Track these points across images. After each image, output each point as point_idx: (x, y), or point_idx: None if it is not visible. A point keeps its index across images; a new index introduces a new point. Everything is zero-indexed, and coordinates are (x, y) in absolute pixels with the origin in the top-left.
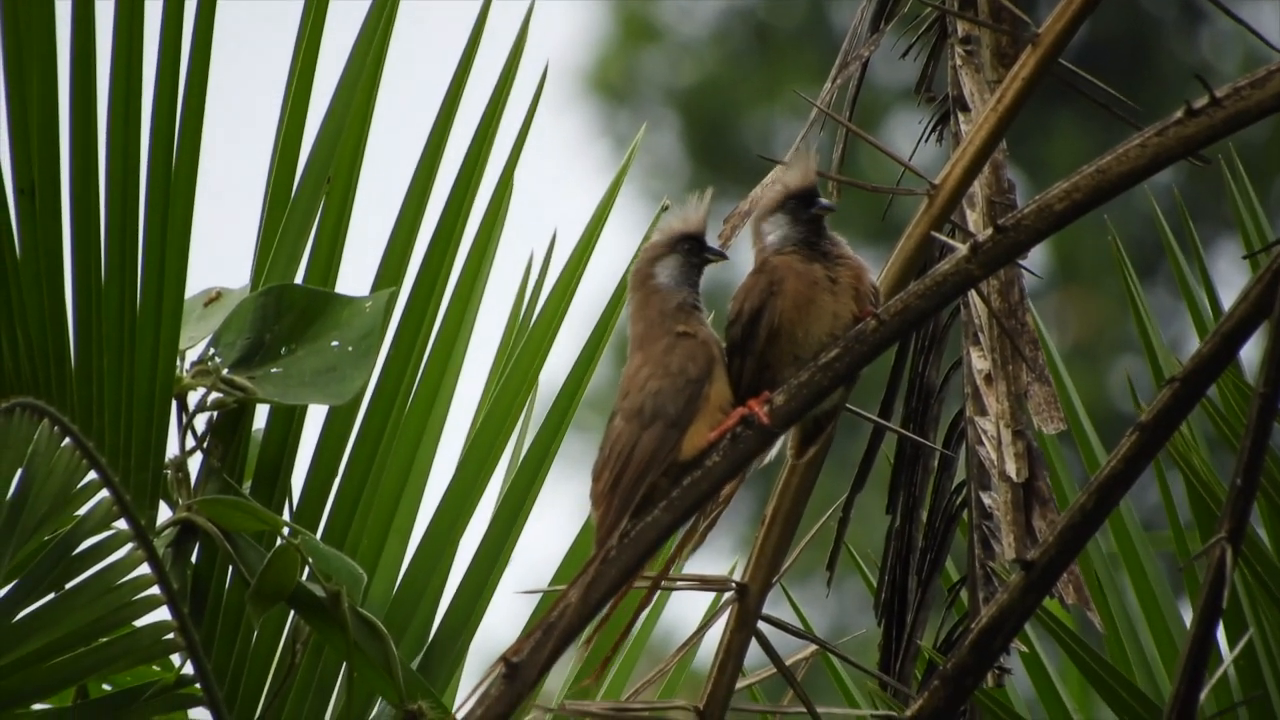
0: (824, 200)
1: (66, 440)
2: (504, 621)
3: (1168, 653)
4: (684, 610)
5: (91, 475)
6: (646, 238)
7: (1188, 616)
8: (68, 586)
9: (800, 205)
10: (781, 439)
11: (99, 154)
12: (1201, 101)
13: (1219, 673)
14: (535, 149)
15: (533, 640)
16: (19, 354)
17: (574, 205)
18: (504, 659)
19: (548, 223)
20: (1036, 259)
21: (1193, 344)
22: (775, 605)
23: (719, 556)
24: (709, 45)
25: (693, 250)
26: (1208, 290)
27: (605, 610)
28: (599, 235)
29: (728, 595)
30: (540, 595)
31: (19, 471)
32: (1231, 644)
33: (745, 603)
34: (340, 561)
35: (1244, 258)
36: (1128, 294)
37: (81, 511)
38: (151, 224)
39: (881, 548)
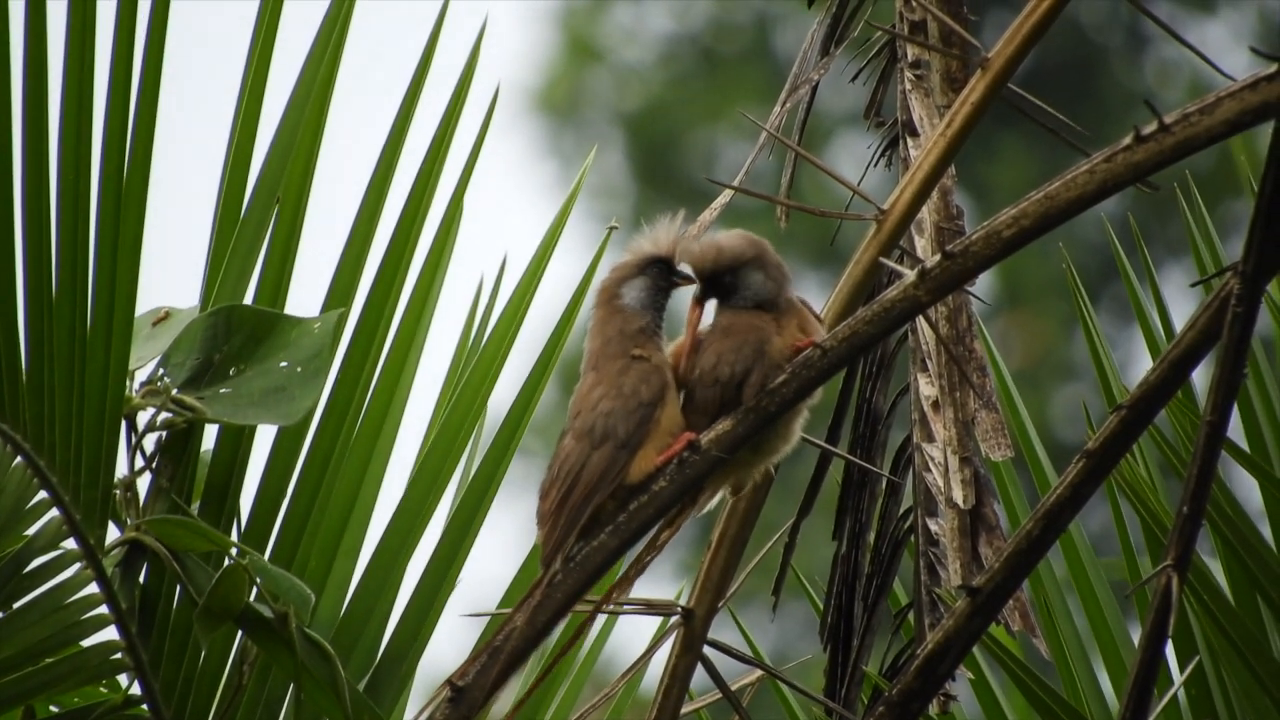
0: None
1: (18, 459)
2: (450, 644)
3: (1119, 678)
4: (630, 634)
5: (41, 494)
6: (595, 261)
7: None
8: (16, 605)
9: (661, 273)
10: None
11: (50, 170)
12: (1150, 127)
13: (1167, 697)
14: (483, 168)
15: (478, 663)
16: None
17: (521, 223)
18: (449, 682)
19: (495, 241)
20: (982, 284)
21: (1138, 370)
22: (720, 629)
23: (664, 581)
24: (655, 67)
25: (661, 273)
26: (1161, 314)
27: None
28: (548, 259)
29: (673, 619)
30: (487, 619)
31: None
32: (1182, 669)
33: (691, 627)
34: (288, 582)
35: (1192, 285)
36: (1080, 318)
37: (31, 530)
38: (103, 240)
39: (827, 572)
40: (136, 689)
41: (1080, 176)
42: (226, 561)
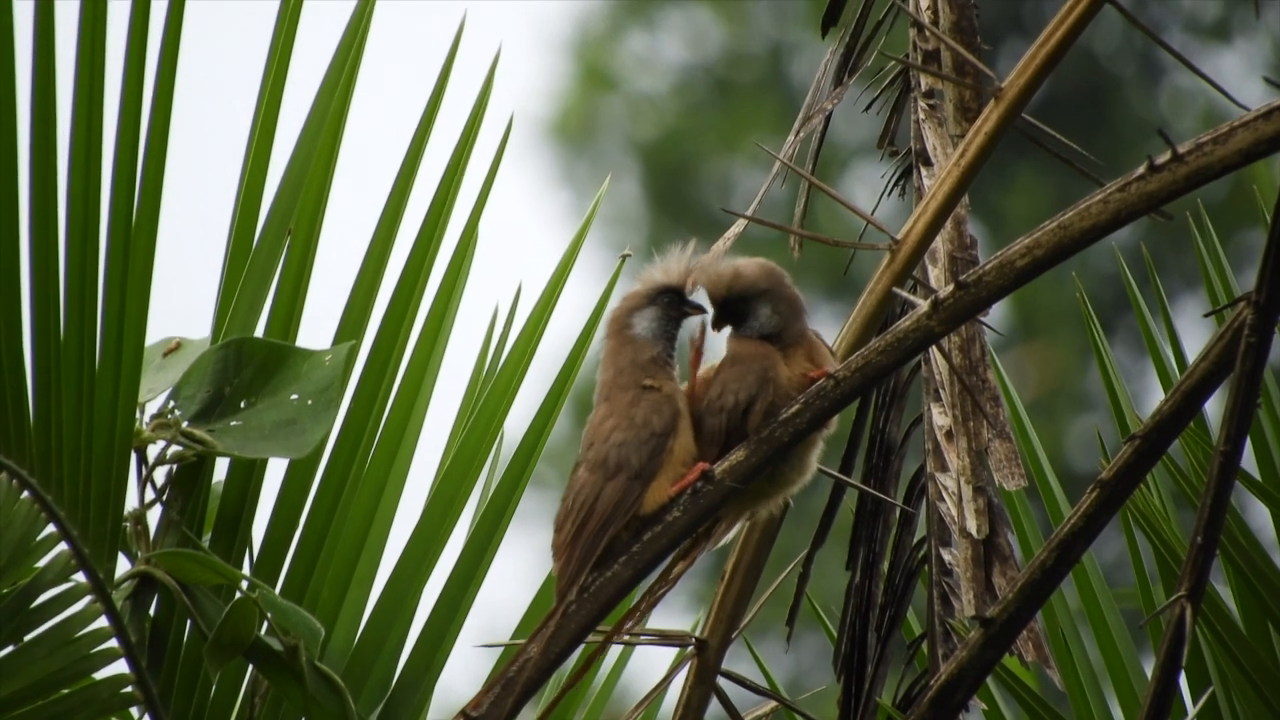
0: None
1: (25, 493)
2: (463, 675)
3: (1131, 709)
4: (644, 665)
5: (50, 528)
6: (608, 289)
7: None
8: (26, 639)
9: (672, 302)
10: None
11: (59, 202)
12: (1164, 157)
13: None
14: (497, 197)
15: (492, 694)
16: None
17: (535, 252)
18: (464, 713)
19: (509, 271)
20: (997, 314)
21: (1153, 400)
22: (734, 660)
23: (679, 612)
24: (669, 96)
25: (672, 303)
26: (1174, 344)
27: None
28: (561, 289)
29: (688, 650)
30: (501, 649)
31: None
32: (1195, 699)
33: (705, 658)
34: (298, 615)
35: (1205, 315)
36: (1094, 348)
37: (40, 564)
38: (112, 273)
39: (841, 602)
40: None
41: (1094, 206)
42: (237, 594)
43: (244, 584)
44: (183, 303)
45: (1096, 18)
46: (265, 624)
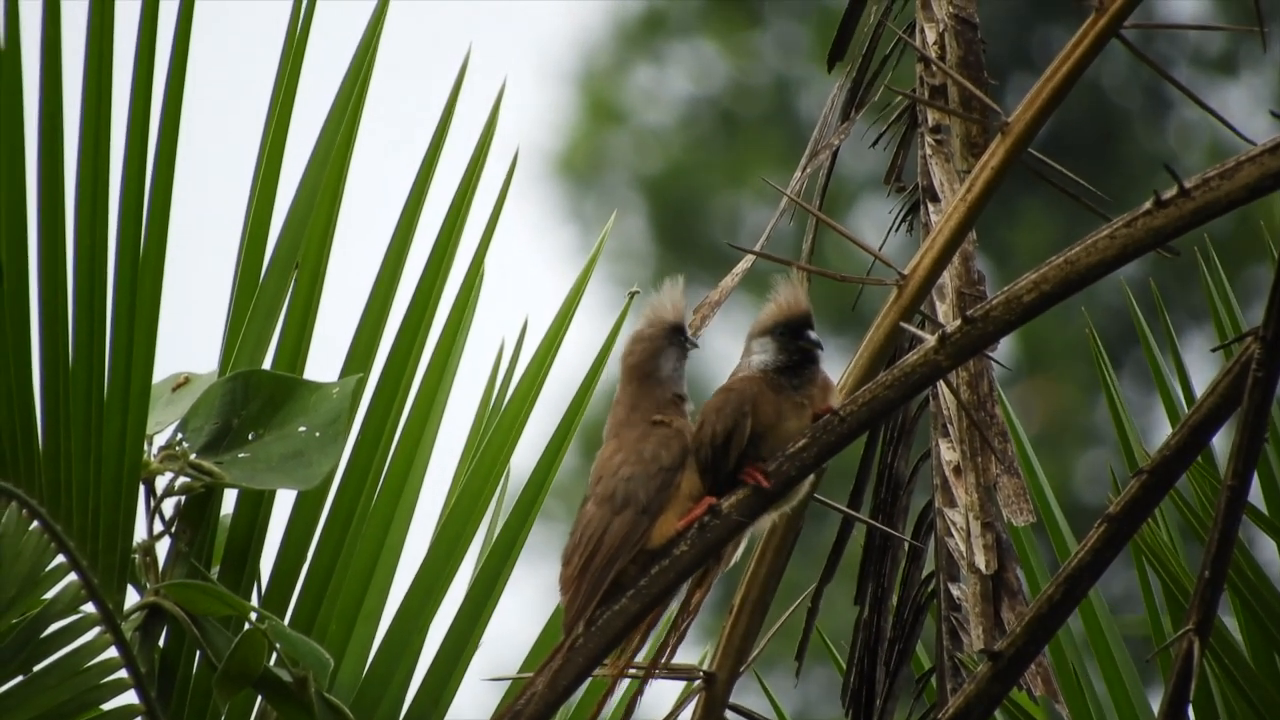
0: (811, 335)
1: (35, 523)
2: (471, 708)
3: None
4: (652, 699)
5: (60, 558)
6: (616, 325)
7: (1158, 706)
8: (36, 669)
9: (788, 335)
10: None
11: (66, 235)
12: (1170, 192)
13: None
14: (503, 231)
15: None
16: None
17: (541, 287)
18: None
19: (515, 306)
20: (1003, 349)
21: (1161, 435)
22: (741, 693)
23: (686, 645)
24: (675, 130)
25: (679, 340)
26: (1181, 379)
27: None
28: (568, 325)
29: (695, 684)
30: (508, 682)
31: None
32: None
33: (713, 691)
34: (307, 646)
35: (1213, 350)
36: (1102, 382)
37: (50, 594)
38: (119, 306)
39: (848, 637)
40: None
41: (1101, 241)
42: (246, 626)
43: (253, 615)
44: (190, 336)
45: (1102, 52)
46: (274, 655)
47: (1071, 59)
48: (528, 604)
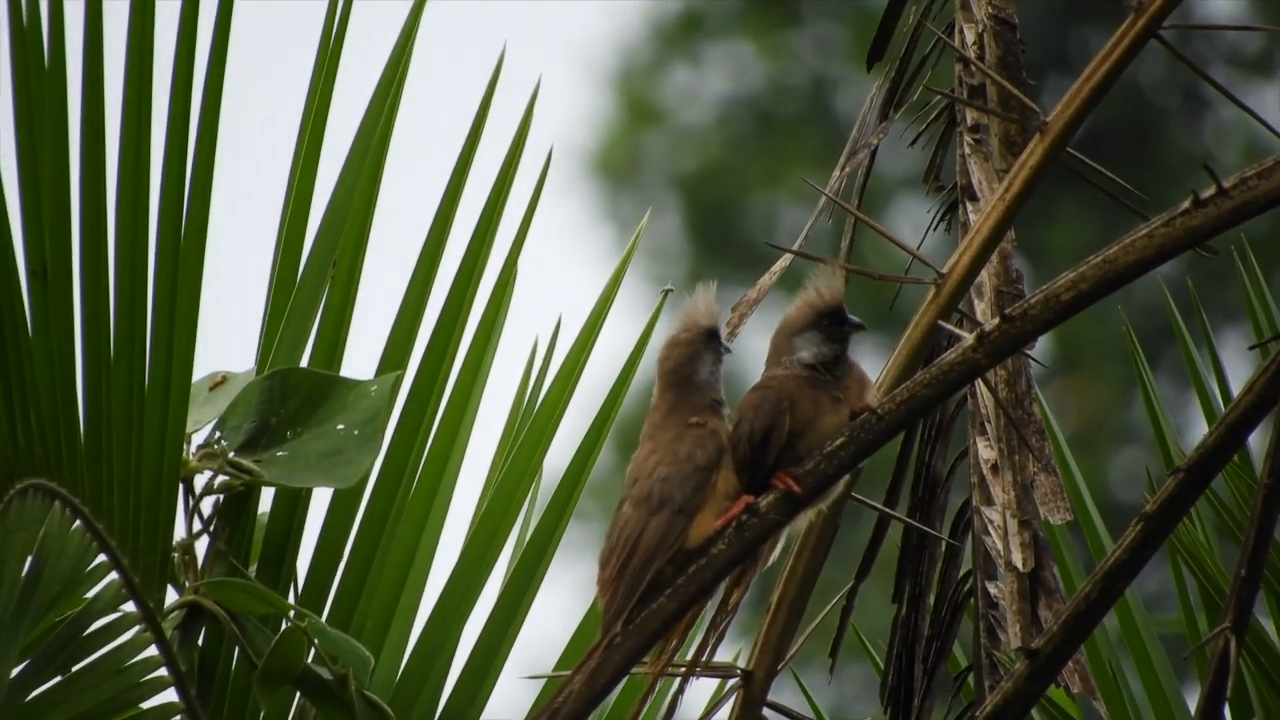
0: (854, 318)
1: (77, 522)
2: (508, 707)
3: None
4: (688, 697)
5: (101, 557)
6: (650, 324)
7: (1194, 705)
8: (76, 668)
9: (833, 324)
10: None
11: (108, 235)
12: (1208, 192)
13: None
14: (538, 231)
15: None
16: (31, 434)
17: (577, 288)
18: None
19: (551, 305)
20: (1039, 348)
21: (1196, 434)
22: (775, 691)
23: (723, 643)
24: (712, 130)
25: (714, 345)
26: (1219, 377)
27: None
28: (602, 323)
29: (732, 682)
30: (544, 681)
31: (31, 553)
32: None
33: (750, 689)
34: (347, 644)
35: (1250, 348)
36: (1140, 381)
37: (91, 593)
38: (160, 304)
39: (884, 635)
40: None
41: (1139, 241)
42: (285, 624)
43: (292, 613)
44: (223, 336)
45: (1140, 53)
46: (313, 653)
47: (1110, 59)
48: (563, 603)
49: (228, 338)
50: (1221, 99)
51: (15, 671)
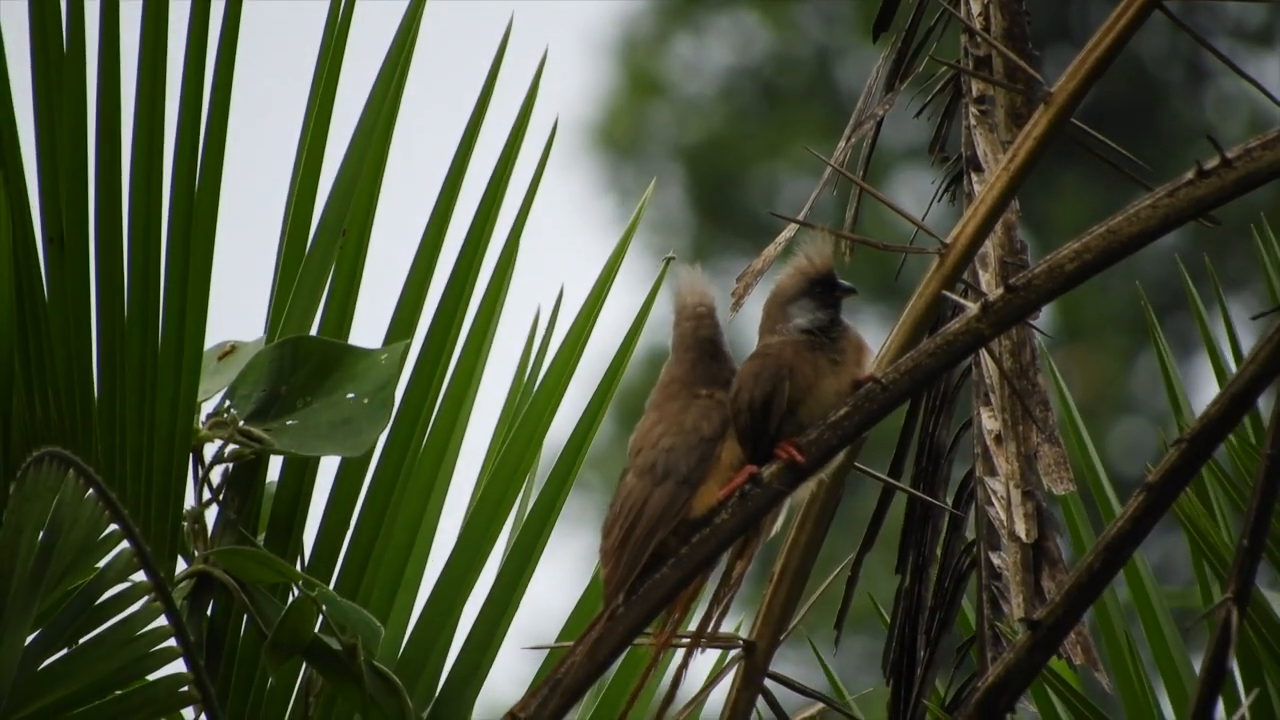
0: (844, 282)
1: (90, 491)
2: (510, 676)
3: (1183, 711)
4: (689, 667)
5: (113, 526)
6: (652, 293)
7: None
8: (84, 639)
9: (825, 290)
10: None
11: (123, 203)
12: (1212, 162)
13: None
14: (542, 202)
15: (539, 697)
16: (48, 403)
17: (580, 258)
18: (511, 714)
19: (554, 276)
20: (1042, 318)
21: (1199, 403)
22: (777, 661)
23: (725, 614)
24: (715, 101)
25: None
26: (1232, 344)
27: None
28: (607, 293)
29: (734, 652)
30: (547, 652)
31: (45, 521)
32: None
33: (752, 660)
34: (358, 614)
35: (1254, 318)
36: (1154, 345)
37: (102, 563)
38: (172, 275)
39: (887, 606)
40: None
41: (1143, 211)
42: (294, 593)
43: (301, 582)
44: (232, 305)
45: (1144, 24)
46: (321, 622)
47: (1115, 30)
48: (565, 573)
49: (232, 308)
50: (1224, 71)
51: (28, 641)
